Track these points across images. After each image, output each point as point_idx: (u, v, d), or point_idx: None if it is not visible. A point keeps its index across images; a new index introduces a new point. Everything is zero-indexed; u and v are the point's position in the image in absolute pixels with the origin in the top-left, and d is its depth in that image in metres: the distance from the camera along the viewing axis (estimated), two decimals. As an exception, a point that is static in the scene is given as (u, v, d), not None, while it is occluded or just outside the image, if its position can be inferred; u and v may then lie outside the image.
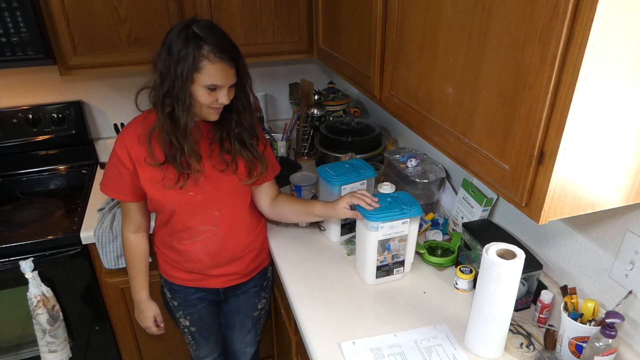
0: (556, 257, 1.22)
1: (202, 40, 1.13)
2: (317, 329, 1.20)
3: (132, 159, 1.27)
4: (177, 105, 1.17)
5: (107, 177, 1.34)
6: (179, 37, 1.14)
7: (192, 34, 1.13)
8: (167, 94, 1.17)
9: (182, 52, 1.13)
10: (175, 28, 1.17)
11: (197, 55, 1.13)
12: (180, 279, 1.47)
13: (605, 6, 0.61)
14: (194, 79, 1.15)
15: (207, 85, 1.17)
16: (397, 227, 1.27)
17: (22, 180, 1.99)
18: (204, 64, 1.14)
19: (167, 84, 1.16)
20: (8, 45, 1.53)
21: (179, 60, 1.13)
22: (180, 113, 1.18)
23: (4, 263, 1.58)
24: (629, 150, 0.76)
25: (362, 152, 1.82)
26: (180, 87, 1.15)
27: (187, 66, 1.13)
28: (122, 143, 1.27)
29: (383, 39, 1.23)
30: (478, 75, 0.86)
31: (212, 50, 1.14)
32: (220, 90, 1.19)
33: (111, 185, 1.34)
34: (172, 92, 1.16)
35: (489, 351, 1.09)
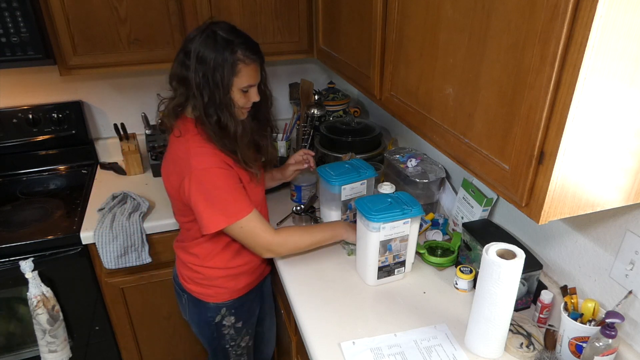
0: (556, 257, 1.22)
1: (233, 44, 1.14)
2: (317, 329, 1.20)
3: (230, 164, 1.23)
4: (221, 113, 1.17)
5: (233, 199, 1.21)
6: (208, 45, 1.13)
7: (222, 40, 1.13)
8: (209, 104, 1.16)
9: (218, 58, 1.12)
10: (196, 36, 1.15)
11: (234, 59, 1.13)
12: (248, 284, 1.46)
13: (605, 6, 0.61)
14: (233, 83, 1.16)
15: (243, 87, 1.18)
16: (399, 227, 1.27)
17: (22, 180, 1.99)
18: (240, 67, 1.15)
19: (206, 94, 1.15)
20: (8, 45, 1.53)
21: (216, 68, 1.13)
22: (228, 120, 1.18)
23: (4, 263, 1.58)
24: (629, 150, 0.76)
25: (362, 152, 1.82)
26: (222, 95, 1.15)
27: (226, 72, 1.13)
28: (216, 158, 1.21)
29: (383, 39, 1.23)
30: (478, 75, 0.86)
31: (245, 53, 1.15)
32: (252, 89, 1.22)
33: (246, 201, 1.24)
34: (215, 102, 1.15)
35: (489, 351, 1.09)
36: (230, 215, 1.21)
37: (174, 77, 1.21)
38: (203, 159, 1.19)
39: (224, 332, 1.47)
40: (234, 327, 1.47)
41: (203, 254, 1.37)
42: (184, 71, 1.17)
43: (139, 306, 1.85)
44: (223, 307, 1.43)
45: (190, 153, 1.20)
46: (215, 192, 1.19)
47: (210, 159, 1.20)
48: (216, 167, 1.19)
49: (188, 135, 1.23)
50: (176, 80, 1.20)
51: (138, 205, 1.73)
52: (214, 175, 1.19)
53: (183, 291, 1.45)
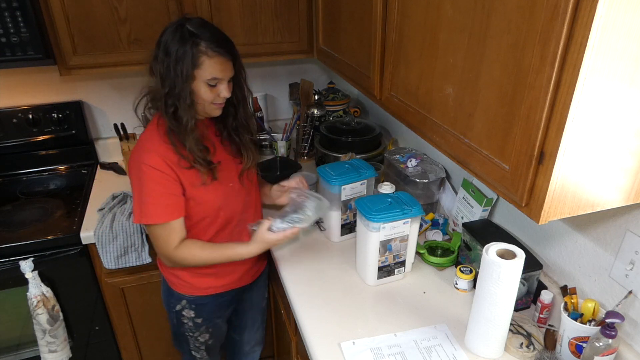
0: (556, 257, 1.22)
1: (197, 37, 1.15)
2: (317, 329, 1.20)
3: (171, 165, 1.21)
4: (179, 104, 1.18)
5: (150, 203, 1.21)
6: (175, 37, 1.15)
7: (188, 32, 1.15)
8: (169, 95, 1.18)
9: (180, 51, 1.14)
10: (168, 29, 1.18)
11: (195, 52, 1.15)
12: (213, 287, 1.43)
13: (605, 6, 0.61)
14: (194, 75, 1.17)
15: (207, 80, 1.18)
16: (399, 227, 1.27)
17: (22, 180, 1.99)
18: (203, 60, 1.16)
19: (167, 84, 1.17)
20: (8, 45, 1.53)
21: (178, 60, 1.15)
22: (182, 112, 1.19)
23: (4, 263, 1.58)
24: (629, 150, 0.76)
25: (362, 152, 1.82)
26: (181, 86, 1.16)
27: (186, 64, 1.15)
28: (154, 154, 1.20)
29: (383, 39, 1.23)
30: (478, 75, 0.86)
31: (209, 46, 1.15)
32: (220, 84, 1.21)
33: (159, 209, 1.22)
34: (174, 92, 1.17)
35: (489, 351, 1.09)
36: (142, 216, 1.23)
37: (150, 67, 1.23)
38: (143, 154, 1.21)
39: (183, 321, 1.48)
40: (193, 321, 1.47)
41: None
42: (152, 62, 1.20)
43: (139, 306, 1.85)
44: (184, 299, 1.44)
45: (139, 143, 1.25)
46: (142, 187, 1.22)
47: (150, 155, 1.20)
48: (152, 166, 1.19)
49: (149, 126, 1.27)
50: (149, 71, 1.23)
51: (138, 205, 1.73)
52: (145, 172, 1.20)
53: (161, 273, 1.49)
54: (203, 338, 1.52)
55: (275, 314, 1.87)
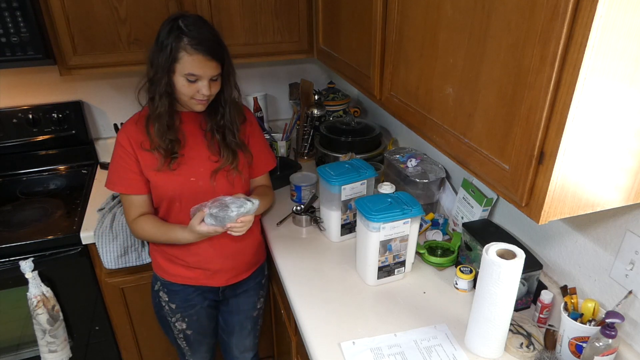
0: (556, 257, 1.22)
1: (182, 32, 1.20)
2: (317, 329, 1.20)
3: (132, 144, 1.32)
4: (155, 91, 1.25)
5: (113, 172, 1.36)
6: (165, 29, 1.22)
7: (176, 27, 1.20)
8: (151, 81, 1.26)
9: (165, 42, 1.20)
10: (166, 20, 1.24)
11: (175, 46, 1.20)
12: (181, 277, 1.46)
13: (605, 6, 0.61)
14: (174, 69, 1.22)
15: (185, 74, 1.22)
16: (399, 227, 1.27)
17: (22, 180, 1.99)
18: (182, 55, 1.20)
19: (152, 71, 1.25)
20: (8, 45, 1.53)
21: (162, 50, 1.21)
22: (158, 100, 1.26)
23: (4, 263, 1.58)
24: (629, 150, 0.76)
25: (362, 152, 1.82)
26: (160, 75, 1.23)
27: (167, 56, 1.20)
28: (123, 131, 1.33)
29: (383, 39, 1.23)
30: (478, 75, 0.86)
31: (189, 42, 1.20)
32: (200, 81, 1.25)
33: (117, 180, 1.35)
34: (155, 79, 1.24)
35: (489, 351, 1.09)
36: (107, 181, 1.37)
37: None
38: (121, 131, 1.34)
39: (161, 304, 1.52)
40: (168, 305, 1.51)
41: None
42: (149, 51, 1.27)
43: (139, 306, 1.84)
44: (159, 281, 1.50)
45: (127, 122, 1.36)
46: (112, 159, 1.36)
47: (121, 133, 1.33)
48: (119, 141, 1.32)
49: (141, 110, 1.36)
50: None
51: (138, 205, 1.73)
52: (115, 146, 1.34)
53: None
54: (180, 326, 1.54)
55: (275, 314, 1.87)
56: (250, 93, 2.19)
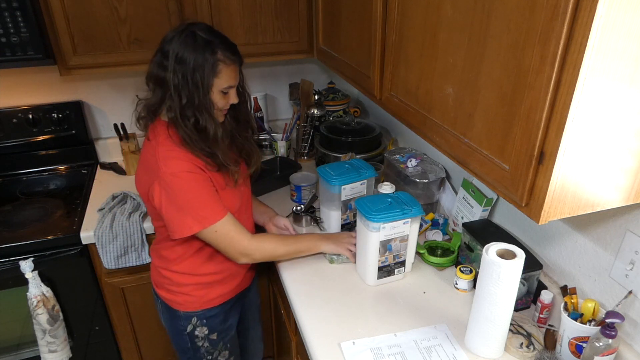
0: (556, 257, 1.22)
1: (213, 44, 1.12)
2: (317, 329, 1.20)
3: (201, 166, 1.19)
4: (200, 115, 1.15)
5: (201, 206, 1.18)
6: (187, 45, 1.11)
7: (202, 40, 1.12)
8: (187, 106, 1.13)
9: (199, 59, 1.11)
10: (174, 37, 1.13)
11: (214, 60, 1.12)
12: (222, 295, 1.39)
13: (605, 6, 0.61)
14: (212, 84, 1.14)
15: (223, 88, 1.17)
16: (399, 227, 1.27)
17: (22, 180, 1.99)
18: (221, 68, 1.14)
19: (185, 95, 1.13)
20: (8, 45, 1.53)
21: (196, 68, 1.11)
22: (207, 122, 1.16)
23: (4, 263, 1.58)
24: (629, 150, 0.76)
25: (362, 152, 1.82)
26: (202, 96, 1.13)
27: (206, 73, 1.12)
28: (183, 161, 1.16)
29: (383, 39, 1.23)
30: (478, 75, 0.86)
31: (225, 54, 1.14)
32: (231, 91, 1.21)
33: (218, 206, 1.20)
34: (193, 103, 1.13)
35: (489, 351, 1.09)
36: (201, 220, 1.18)
37: (151, 78, 1.18)
38: (172, 163, 1.16)
39: (198, 344, 1.40)
40: (208, 339, 1.40)
41: (172, 258, 1.32)
42: (161, 72, 1.14)
43: (139, 306, 1.85)
44: (193, 317, 1.37)
45: (159, 157, 1.17)
46: (186, 196, 1.16)
47: (180, 162, 1.16)
48: (186, 171, 1.16)
49: (159, 139, 1.19)
50: (153, 81, 1.17)
51: (138, 205, 1.73)
52: (183, 179, 1.16)
53: (157, 297, 1.42)
54: (223, 357, 1.45)
55: (275, 314, 1.87)
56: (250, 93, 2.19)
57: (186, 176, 1.16)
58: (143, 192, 1.25)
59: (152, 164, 1.18)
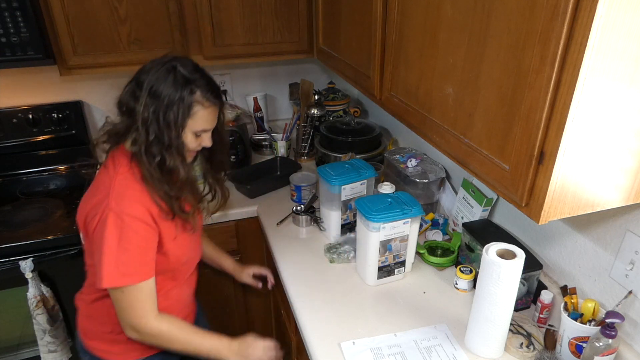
0: (556, 257, 1.22)
1: (193, 83, 1.05)
2: (317, 329, 1.20)
3: (155, 218, 1.08)
4: (168, 154, 1.06)
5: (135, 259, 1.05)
6: (166, 80, 1.04)
7: (182, 77, 1.05)
8: (154, 143, 1.05)
9: (173, 96, 1.03)
10: (153, 68, 1.06)
11: (191, 100, 1.05)
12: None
13: (605, 6, 0.61)
14: (185, 125, 1.07)
15: (197, 131, 1.10)
16: (399, 227, 1.27)
17: (22, 180, 1.98)
18: (197, 110, 1.07)
19: (153, 131, 1.04)
20: (8, 45, 1.53)
21: (169, 106, 1.03)
22: (175, 163, 1.08)
23: (4, 263, 1.58)
24: (629, 150, 0.76)
25: (362, 152, 1.82)
26: (172, 136, 1.05)
27: (180, 112, 1.04)
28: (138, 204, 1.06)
29: (383, 39, 1.23)
30: (478, 75, 0.86)
31: (204, 95, 1.07)
32: (205, 134, 1.13)
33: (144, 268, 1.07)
34: (162, 141, 1.05)
35: (489, 351, 1.09)
36: (123, 275, 1.04)
37: (121, 105, 1.10)
38: (127, 203, 1.04)
39: None
40: None
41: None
42: (131, 102, 1.06)
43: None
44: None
45: (115, 190, 1.05)
46: (123, 243, 1.03)
47: (135, 206, 1.05)
48: (138, 218, 1.04)
49: (119, 169, 1.09)
50: (122, 108, 1.10)
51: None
52: (130, 225, 1.04)
53: (85, 352, 1.26)
54: None
55: (275, 314, 1.87)
56: (250, 93, 2.19)
57: (133, 222, 1.04)
58: (81, 221, 1.12)
59: (103, 194, 1.06)
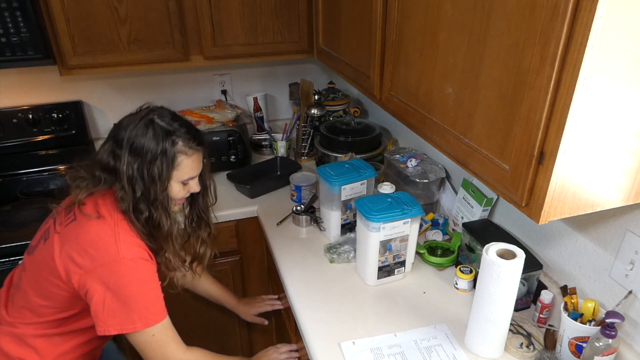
0: (556, 257, 1.22)
1: (174, 134, 1.05)
2: (317, 329, 1.20)
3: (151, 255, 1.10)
4: (154, 209, 1.06)
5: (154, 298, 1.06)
6: (146, 135, 1.03)
7: (161, 129, 1.04)
8: (141, 200, 1.04)
9: (156, 150, 1.03)
10: (131, 124, 1.05)
11: (174, 152, 1.04)
12: None
13: (605, 6, 0.61)
14: (171, 176, 1.06)
15: (183, 180, 1.10)
16: (399, 227, 1.27)
17: (22, 180, 1.98)
18: (181, 159, 1.06)
19: (139, 188, 1.04)
20: (8, 45, 1.53)
21: (153, 161, 1.03)
22: (162, 217, 1.07)
23: (4, 263, 1.58)
24: (629, 150, 0.76)
25: (362, 152, 1.82)
26: (159, 190, 1.05)
27: (164, 166, 1.04)
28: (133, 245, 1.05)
29: (383, 39, 1.23)
30: (478, 75, 0.86)
31: (187, 144, 1.07)
32: (192, 180, 1.13)
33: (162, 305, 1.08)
34: (149, 197, 1.05)
35: (489, 351, 1.09)
36: (147, 317, 1.04)
37: (99, 165, 1.07)
38: (132, 249, 1.04)
39: None
40: None
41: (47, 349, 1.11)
42: (111, 161, 1.05)
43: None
44: None
45: (120, 239, 1.03)
46: (139, 287, 1.04)
47: (132, 248, 1.04)
48: (142, 258, 1.05)
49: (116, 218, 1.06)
50: (101, 169, 1.07)
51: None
52: (141, 267, 1.04)
53: None
54: None
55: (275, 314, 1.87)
56: (250, 93, 2.19)
57: (143, 265, 1.05)
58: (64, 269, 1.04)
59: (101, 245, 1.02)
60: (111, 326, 1.03)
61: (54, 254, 1.06)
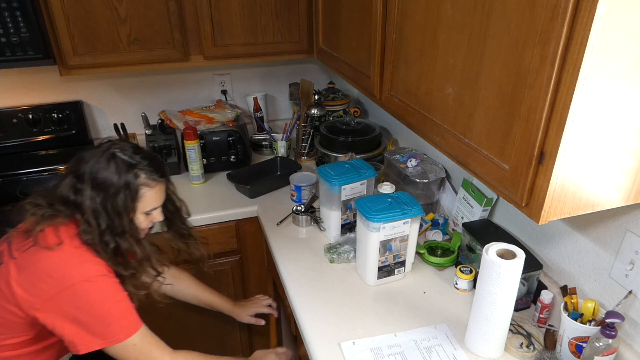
0: (556, 257, 1.22)
1: (136, 167, 1.07)
2: (317, 329, 1.20)
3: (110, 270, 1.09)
4: (121, 240, 1.07)
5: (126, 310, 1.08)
6: (108, 169, 1.04)
7: (123, 163, 1.06)
8: (106, 232, 1.05)
9: (119, 183, 1.04)
10: (93, 159, 1.06)
11: (137, 184, 1.06)
12: None
13: (605, 6, 0.61)
14: (135, 208, 1.09)
15: (147, 211, 1.12)
16: (399, 227, 1.27)
17: (22, 180, 1.98)
18: (144, 192, 1.08)
19: (104, 221, 1.05)
20: (8, 45, 1.53)
21: (116, 194, 1.04)
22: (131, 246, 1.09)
23: (4, 263, 1.58)
24: (629, 150, 0.76)
25: (362, 152, 1.82)
26: (125, 222, 1.07)
27: (128, 198, 1.06)
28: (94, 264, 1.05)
29: (383, 39, 1.23)
30: (478, 75, 0.86)
31: (149, 177, 1.08)
32: (155, 211, 1.15)
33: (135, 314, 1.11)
34: (114, 229, 1.06)
35: (489, 351, 1.09)
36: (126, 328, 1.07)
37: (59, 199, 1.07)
38: (86, 267, 1.03)
39: None
40: None
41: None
42: (72, 195, 1.05)
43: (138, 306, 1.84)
44: None
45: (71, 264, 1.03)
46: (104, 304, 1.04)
47: (94, 266, 1.04)
48: (101, 275, 1.04)
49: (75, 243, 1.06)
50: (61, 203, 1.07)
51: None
52: (101, 283, 1.04)
53: None
54: None
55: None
56: (250, 93, 2.20)
57: (103, 280, 1.05)
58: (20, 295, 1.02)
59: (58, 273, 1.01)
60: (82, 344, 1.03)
61: (9, 280, 1.04)
